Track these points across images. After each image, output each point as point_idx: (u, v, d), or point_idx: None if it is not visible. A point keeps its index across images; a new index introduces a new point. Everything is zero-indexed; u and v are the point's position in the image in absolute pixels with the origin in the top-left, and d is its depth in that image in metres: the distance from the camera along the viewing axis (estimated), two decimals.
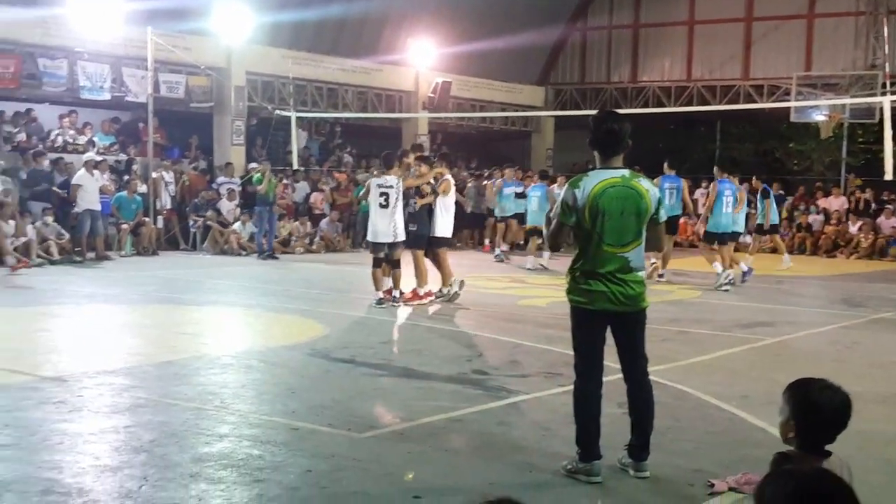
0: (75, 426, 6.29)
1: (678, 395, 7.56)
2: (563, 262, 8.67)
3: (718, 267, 15.46)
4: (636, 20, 31.35)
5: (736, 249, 16.89)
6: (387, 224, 12.30)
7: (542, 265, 18.09)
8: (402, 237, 12.44)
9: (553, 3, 30.58)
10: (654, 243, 5.74)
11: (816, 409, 3.07)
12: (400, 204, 12.36)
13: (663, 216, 5.65)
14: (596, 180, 5.43)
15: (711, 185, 15.69)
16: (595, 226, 5.38)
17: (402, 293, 12.67)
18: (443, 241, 13.16)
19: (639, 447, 5.56)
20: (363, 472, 5.47)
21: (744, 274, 16.23)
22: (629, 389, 5.64)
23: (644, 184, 5.52)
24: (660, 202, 5.59)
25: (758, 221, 19.32)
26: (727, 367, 8.99)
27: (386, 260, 12.49)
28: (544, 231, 5.88)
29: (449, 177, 13.35)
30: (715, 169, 16.16)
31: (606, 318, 5.50)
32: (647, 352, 5.70)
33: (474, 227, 24.37)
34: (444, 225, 13.05)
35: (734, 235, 16.05)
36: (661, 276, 15.96)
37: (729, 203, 15.56)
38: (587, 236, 5.43)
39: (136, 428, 6.25)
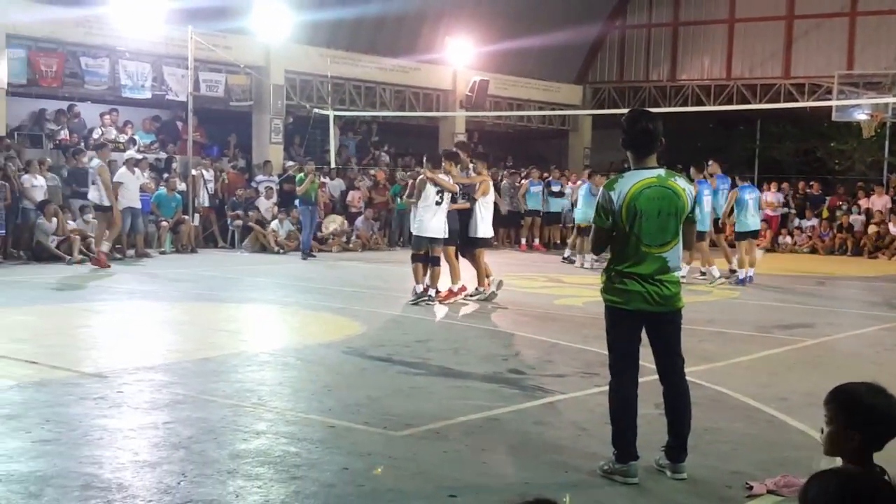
0: (115, 422, 6.36)
1: (716, 397, 7.50)
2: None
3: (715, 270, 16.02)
4: (675, 18, 31.10)
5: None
6: (438, 221, 12.38)
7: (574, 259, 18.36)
8: (446, 234, 12.51)
9: (591, 1, 30.46)
10: (688, 242, 5.66)
11: (877, 415, 2.88)
12: (448, 201, 12.45)
13: (698, 215, 5.62)
14: (632, 181, 5.40)
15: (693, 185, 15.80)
16: (633, 227, 5.35)
17: (438, 292, 12.68)
18: (482, 242, 13.15)
19: (676, 448, 5.51)
20: (399, 471, 5.47)
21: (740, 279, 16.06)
22: (665, 390, 5.60)
23: (680, 183, 5.51)
24: (696, 201, 5.57)
25: None
26: (766, 368, 8.91)
27: (425, 257, 12.50)
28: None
29: (488, 178, 13.31)
30: (691, 170, 16.25)
31: (642, 318, 5.46)
32: (685, 352, 5.67)
33: (510, 226, 24.35)
34: (484, 226, 13.03)
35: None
36: (703, 273, 16.00)
37: (708, 202, 15.81)
38: (625, 237, 5.39)
39: (174, 424, 6.31)
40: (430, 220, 12.41)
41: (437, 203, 12.37)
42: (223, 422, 6.41)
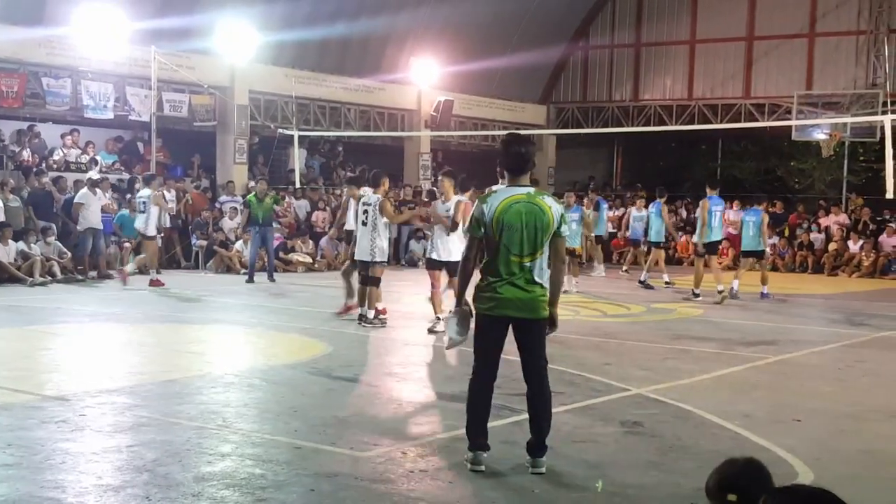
0: (78, 445, 6.29)
1: (680, 414, 7.55)
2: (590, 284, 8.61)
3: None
4: (638, 39, 31.45)
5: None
6: (367, 242, 12.21)
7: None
8: (380, 257, 12.27)
9: (555, 23, 30.70)
10: (556, 255, 6.04)
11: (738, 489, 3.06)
12: (380, 223, 12.19)
13: (565, 231, 6.03)
14: (502, 196, 5.92)
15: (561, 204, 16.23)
16: (502, 237, 5.84)
17: (376, 313, 12.38)
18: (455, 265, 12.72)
19: (535, 445, 5.97)
20: (366, 491, 5.46)
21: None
22: (528, 390, 6.07)
23: (547, 201, 5.97)
24: (562, 218, 5.99)
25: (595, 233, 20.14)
26: (730, 385, 8.97)
27: (364, 278, 12.36)
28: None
29: (466, 199, 12.93)
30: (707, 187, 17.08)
31: (508, 323, 5.95)
32: (650, 369, 5.74)
33: None
34: (457, 250, 12.65)
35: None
36: (725, 294, 16.36)
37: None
38: (495, 248, 5.88)
39: (138, 447, 6.25)
40: (360, 240, 12.30)
41: (363, 224, 12.26)
42: (188, 444, 6.36)
